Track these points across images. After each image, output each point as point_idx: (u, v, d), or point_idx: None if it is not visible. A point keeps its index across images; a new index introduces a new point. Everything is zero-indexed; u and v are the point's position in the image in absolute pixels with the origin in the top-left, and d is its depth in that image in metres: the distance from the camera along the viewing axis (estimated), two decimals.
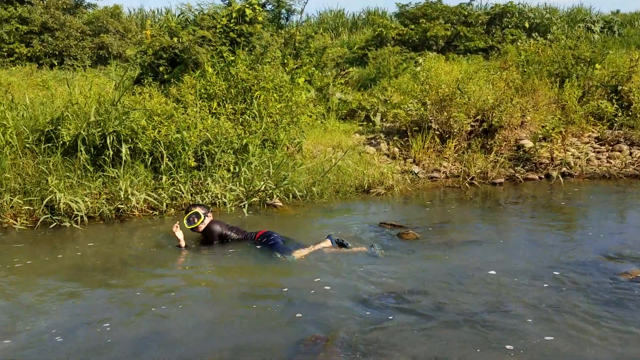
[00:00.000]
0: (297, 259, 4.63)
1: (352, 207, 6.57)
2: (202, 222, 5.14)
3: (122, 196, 6.06)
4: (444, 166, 7.92)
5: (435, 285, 4.00)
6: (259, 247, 4.93)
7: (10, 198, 5.98)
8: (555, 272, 4.15)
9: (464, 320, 3.42)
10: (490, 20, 16.38)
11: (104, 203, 6.05)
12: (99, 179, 6.20)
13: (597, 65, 9.82)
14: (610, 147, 8.33)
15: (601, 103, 8.90)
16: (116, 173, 6.20)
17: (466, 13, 16.37)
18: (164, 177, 6.35)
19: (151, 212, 6.26)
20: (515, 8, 16.41)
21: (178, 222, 5.18)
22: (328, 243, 4.89)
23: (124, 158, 6.23)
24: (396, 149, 8.32)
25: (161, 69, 8.42)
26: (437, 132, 8.22)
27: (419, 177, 7.64)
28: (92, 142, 6.25)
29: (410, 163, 7.98)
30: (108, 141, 6.21)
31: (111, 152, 6.23)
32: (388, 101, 9.57)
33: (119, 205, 6.06)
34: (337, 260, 4.62)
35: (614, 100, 9.05)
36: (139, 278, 4.41)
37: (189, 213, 5.19)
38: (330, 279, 4.22)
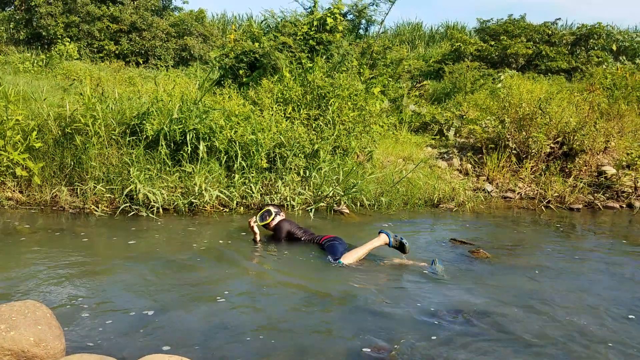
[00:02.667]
0: (345, 264, 4.58)
1: (420, 220, 6.47)
2: (273, 219, 5.32)
3: (197, 191, 6.28)
4: (519, 187, 7.64)
5: (503, 308, 3.85)
6: (322, 250, 4.97)
7: (94, 185, 6.34)
8: (629, 308, 3.88)
9: (530, 346, 3.27)
10: (575, 40, 15.74)
11: (179, 196, 6.29)
12: (176, 174, 6.45)
13: None
14: None
15: None
16: (192, 169, 6.43)
17: (550, 32, 15.83)
18: (237, 176, 6.52)
19: (222, 208, 6.45)
20: (603, 29, 15.67)
21: (255, 216, 5.36)
22: (382, 238, 4.76)
23: (200, 155, 6.46)
24: (469, 165, 8.12)
25: (241, 72, 8.67)
26: (514, 152, 7.95)
27: (491, 195, 7.41)
28: (173, 137, 6.51)
29: (484, 181, 7.76)
30: (188, 138, 6.45)
31: (189, 149, 6.47)
32: (464, 116, 9.36)
33: (192, 200, 6.29)
34: (402, 271, 4.55)
35: None
36: (206, 269, 4.53)
37: (263, 210, 5.41)
38: (394, 290, 4.17)
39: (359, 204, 6.65)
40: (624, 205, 7.29)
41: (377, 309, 3.76)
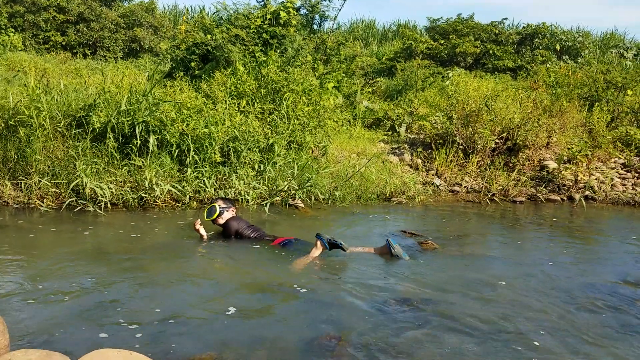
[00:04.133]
0: (293, 269, 4.49)
1: (373, 213, 6.59)
2: (221, 215, 5.21)
3: (147, 185, 6.17)
4: (465, 180, 7.90)
5: (450, 296, 3.99)
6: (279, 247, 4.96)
7: (38, 179, 6.13)
8: (570, 294, 4.09)
9: (476, 331, 3.41)
10: (521, 40, 16.35)
11: (128, 191, 6.16)
12: (125, 167, 6.31)
13: (628, 92, 9.72)
14: (637, 174, 8.21)
15: (630, 129, 8.80)
16: (142, 162, 6.31)
17: (497, 32, 16.37)
18: (189, 170, 6.45)
19: (174, 203, 6.36)
20: (547, 29, 16.35)
21: (199, 218, 5.23)
22: (319, 246, 4.65)
23: (151, 148, 6.35)
24: (419, 160, 8.33)
25: (193, 64, 8.55)
26: (461, 147, 8.21)
27: (440, 189, 7.64)
28: (121, 130, 6.37)
29: (433, 175, 7.99)
30: (137, 131, 6.32)
31: (139, 142, 6.34)
32: (414, 113, 9.59)
33: (142, 194, 6.17)
34: (353, 262, 4.64)
35: None
36: (156, 265, 4.47)
37: (209, 205, 5.32)
38: (345, 281, 4.24)
39: (313, 198, 6.71)
40: (565, 198, 7.65)
41: (328, 300, 3.82)
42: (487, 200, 7.40)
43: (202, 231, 5.11)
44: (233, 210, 5.37)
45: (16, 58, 12.14)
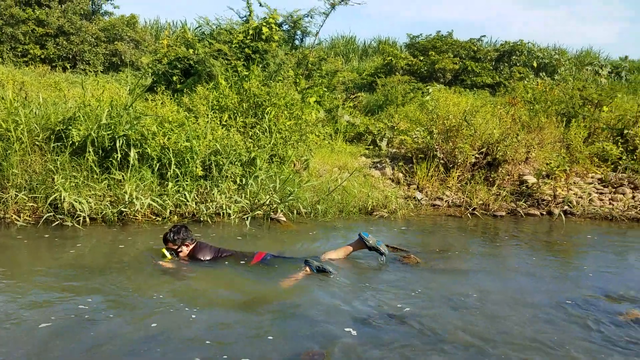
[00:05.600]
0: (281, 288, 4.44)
1: (355, 227, 6.59)
2: (179, 251, 4.86)
3: (127, 199, 6.08)
4: (446, 195, 7.97)
5: (434, 310, 4.00)
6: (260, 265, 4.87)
7: (15, 193, 6.00)
8: (551, 308, 4.13)
9: (459, 346, 3.41)
10: (499, 57, 16.66)
11: (107, 205, 6.07)
12: (105, 181, 6.23)
13: (604, 108, 9.96)
14: (614, 189, 8.38)
15: (606, 145, 8.99)
16: (122, 176, 6.23)
17: (475, 49, 16.67)
18: (170, 184, 6.38)
19: (154, 217, 6.28)
20: (524, 47, 16.70)
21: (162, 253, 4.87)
22: (307, 270, 4.65)
23: (131, 162, 6.27)
24: (401, 175, 8.39)
25: (175, 78, 8.53)
26: (442, 161, 8.29)
27: (421, 203, 7.69)
28: (101, 144, 6.29)
29: (414, 189, 8.04)
30: (117, 144, 6.25)
31: (119, 156, 6.27)
32: (395, 127, 9.67)
33: (122, 209, 6.08)
34: (337, 276, 4.62)
35: (619, 143, 9.15)
36: (135, 281, 4.38)
37: (162, 250, 4.90)
38: (328, 296, 4.21)
39: (295, 212, 6.69)
40: (544, 213, 7.76)
41: (311, 316, 3.79)
42: (468, 214, 7.47)
43: (168, 264, 4.78)
44: (187, 244, 4.92)
45: None
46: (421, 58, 15.85)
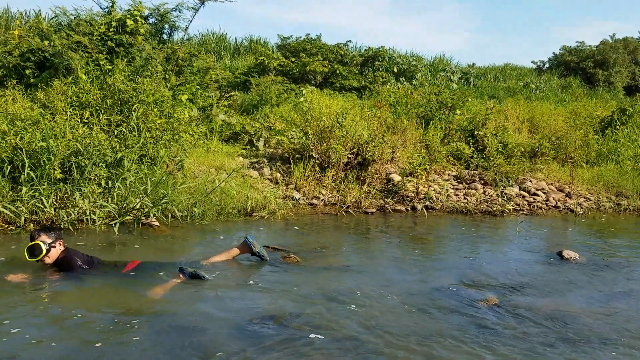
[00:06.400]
0: (151, 297, 4.20)
1: (234, 229, 6.48)
2: (48, 254, 4.41)
3: None
4: (322, 194, 8.19)
5: (314, 308, 4.06)
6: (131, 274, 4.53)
7: None
8: (420, 298, 4.41)
9: (339, 343, 3.50)
10: (364, 62, 17.53)
11: None
12: None
13: (457, 111, 10.95)
14: (467, 185, 9.26)
15: (460, 145, 9.90)
16: None
17: (342, 53, 17.34)
18: (24, 189, 5.73)
19: (7, 226, 5.60)
20: (386, 53, 17.75)
21: (24, 252, 4.38)
22: (181, 277, 4.47)
23: None
24: (278, 175, 8.44)
25: (27, 72, 7.67)
26: (318, 161, 8.51)
27: (299, 203, 7.81)
28: None
29: (292, 189, 8.14)
30: None
31: None
32: (272, 127, 9.70)
33: None
34: (214, 281, 4.51)
35: (470, 143, 10.12)
36: None
37: (31, 243, 4.39)
38: (206, 302, 4.09)
39: (170, 216, 6.37)
40: (409, 208, 8.32)
41: (188, 325, 3.64)
42: (343, 212, 7.75)
43: (18, 279, 4.28)
44: (61, 242, 4.55)
45: None
46: (292, 59, 16.10)
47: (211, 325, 3.65)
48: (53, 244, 4.44)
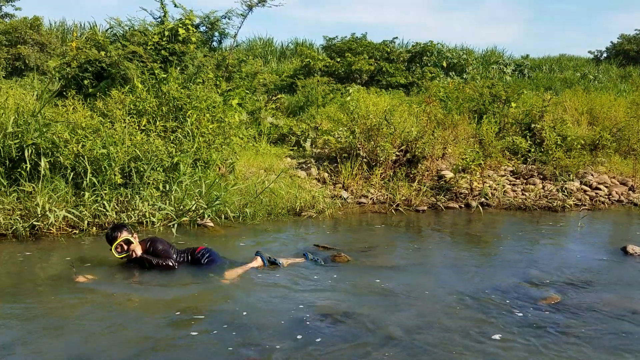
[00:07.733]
0: (228, 280, 4.55)
1: (285, 229, 6.57)
2: (133, 249, 4.66)
3: (39, 212, 5.66)
4: (371, 192, 8.15)
5: (367, 307, 4.05)
6: (195, 266, 4.80)
7: None
8: (476, 298, 4.29)
9: (395, 341, 3.48)
10: (411, 58, 17.29)
11: (17, 219, 5.62)
12: (14, 194, 5.77)
13: (512, 104, 10.62)
14: (525, 181, 8.96)
15: (516, 139, 9.59)
16: (33, 187, 5.80)
17: (389, 50, 17.18)
18: (87, 194, 6.02)
19: (70, 230, 5.90)
20: (434, 47, 17.44)
21: (80, 276, 4.48)
22: (259, 261, 4.88)
23: (42, 172, 5.86)
24: (326, 174, 8.47)
25: (86, 82, 8.05)
26: (365, 160, 8.47)
27: (347, 202, 7.81)
28: (8, 154, 5.82)
29: (340, 188, 8.15)
30: (26, 154, 5.82)
31: (29, 166, 5.83)
32: (318, 128, 9.75)
33: (34, 222, 5.66)
34: (271, 280, 4.58)
35: (527, 136, 9.79)
36: (52, 300, 4.08)
37: (117, 240, 4.62)
38: (263, 300, 4.17)
39: (223, 217, 6.54)
40: (463, 205, 8.14)
41: (246, 322, 3.72)
42: (392, 210, 7.68)
43: (87, 279, 4.45)
44: (135, 235, 4.82)
45: None
46: (338, 60, 16.12)
47: (268, 321, 3.71)
48: (133, 237, 4.74)
